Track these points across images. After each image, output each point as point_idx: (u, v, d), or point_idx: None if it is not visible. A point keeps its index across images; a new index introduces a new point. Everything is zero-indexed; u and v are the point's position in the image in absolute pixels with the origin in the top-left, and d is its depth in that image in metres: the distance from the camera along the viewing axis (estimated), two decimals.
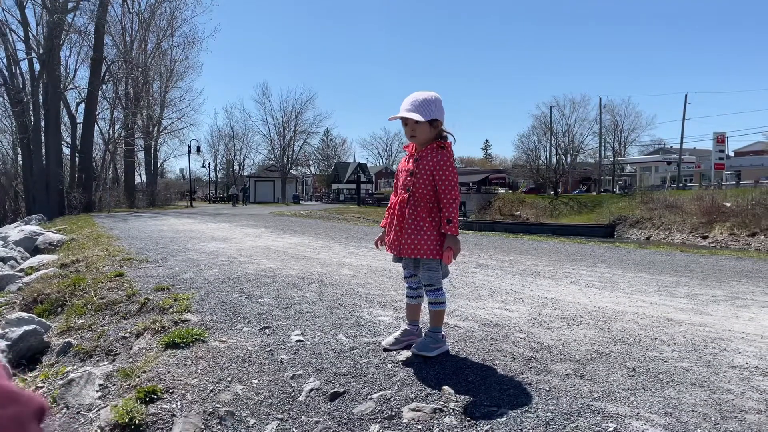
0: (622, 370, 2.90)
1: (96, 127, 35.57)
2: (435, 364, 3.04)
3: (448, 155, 3.03)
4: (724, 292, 5.12)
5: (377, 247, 3.39)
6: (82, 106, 33.80)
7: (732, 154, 59.96)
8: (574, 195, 52.65)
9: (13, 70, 31.69)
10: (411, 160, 3.10)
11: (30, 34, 30.53)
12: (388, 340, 3.34)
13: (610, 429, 2.24)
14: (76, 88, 34.43)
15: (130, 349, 3.99)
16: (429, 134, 3.02)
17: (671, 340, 3.45)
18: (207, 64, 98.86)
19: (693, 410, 2.39)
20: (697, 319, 4.06)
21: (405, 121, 3.04)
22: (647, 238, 33.06)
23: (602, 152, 58.11)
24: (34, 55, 30.39)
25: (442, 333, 3.21)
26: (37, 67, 30.66)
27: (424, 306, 3.31)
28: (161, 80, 44.04)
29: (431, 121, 2.99)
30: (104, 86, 34.99)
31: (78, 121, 33.76)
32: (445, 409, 2.56)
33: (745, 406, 2.43)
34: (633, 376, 2.81)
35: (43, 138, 30.50)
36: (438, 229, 2.99)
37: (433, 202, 3.02)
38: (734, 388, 2.65)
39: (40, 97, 30.59)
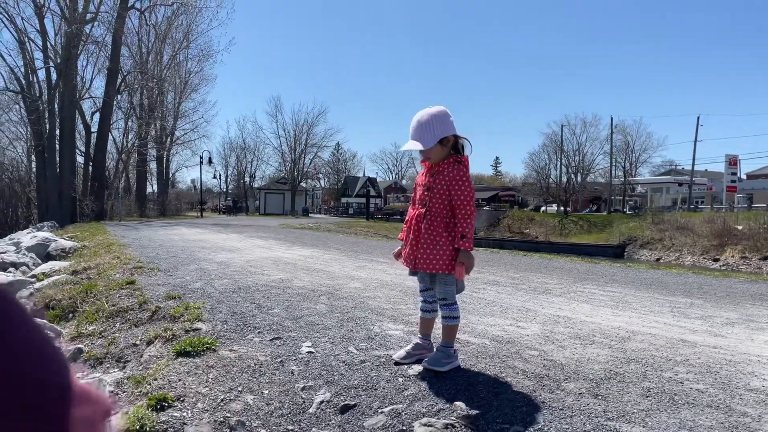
0: (636, 390, 2.87)
1: (110, 137, 36.00)
2: (447, 379, 3.02)
3: (464, 170, 3.03)
4: (738, 315, 5.07)
5: (396, 260, 3.37)
6: (97, 115, 34.22)
7: (744, 176, 59.61)
8: (584, 214, 52.42)
9: (31, 79, 32.21)
10: (428, 175, 3.11)
11: (48, 44, 31.04)
12: (399, 354, 3.33)
13: None
14: (92, 97, 34.92)
15: (141, 356, 4.00)
16: (441, 153, 3.02)
17: (686, 362, 3.41)
18: (221, 77, 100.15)
19: None
20: (712, 341, 4.01)
21: None
22: (657, 260, 32.79)
23: (613, 172, 57.91)
24: (51, 64, 30.87)
25: (454, 348, 3.19)
26: (54, 76, 31.17)
27: (438, 321, 3.30)
28: (175, 91, 44.55)
29: (441, 140, 2.99)
30: (119, 96, 35.42)
31: (92, 130, 34.20)
32: (456, 425, 2.53)
33: (763, 429, 2.40)
34: (648, 396, 2.78)
35: (57, 146, 30.85)
36: (453, 243, 2.99)
37: (449, 217, 3.03)
38: (751, 411, 2.61)
39: (56, 106, 31.02)
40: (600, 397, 2.77)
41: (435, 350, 3.21)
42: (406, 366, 3.28)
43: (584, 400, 2.73)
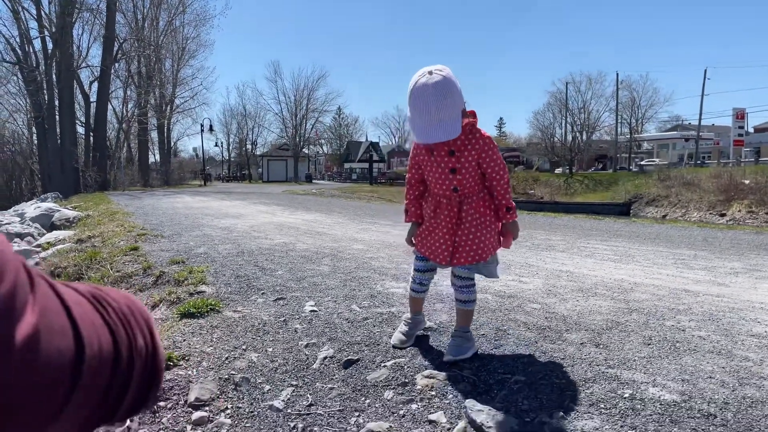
0: (638, 338, 2.88)
1: (109, 106, 35.73)
2: (449, 333, 3.03)
3: (486, 135, 2.60)
4: (742, 265, 5.05)
5: (410, 245, 2.93)
6: (95, 84, 33.86)
7: (752, 130, 58.89)
8: (589, 173, 52.13)
9: (27, 49, 31.79)
10: (443, 155, 2.61)
11: (42, 12, 30.51)
12: (399, 338, 2.97)
13: (626, 395, 2.22)
14: (89, 66, 34.46)
15: None
16: (461, 125, 2.47)
17: (688, 310, 3.41)
18: (218, 42, 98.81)
19: (710, 377, 2.36)
20: (715, 290, 4.01)
21: None
22: (664, 216, 32.70)
23: (619, 129, 57.34)
24: (46, 33, 30.42)
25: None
26: (50, 45, 30.72)
27: (425, 299, 3.10)
28: (173, 58, 43.96)
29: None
30: (117, 65, 34.99)
31: (91, 99, 33.89)
32: (458, 376, 2.55)
33: (764, 373, 2.40)
34: (649, 344, 2.78)
35: (57, 117, 30.67)
36: (497, 220, 2.69)
37: (483, 191, 2.67)
38: (753, 355, 2.61)
39: (54, 76, 30.70)
40: (601, 346, 2.78)
41: (452, 337, 2.83)
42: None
43: (585, 349, 2.74)
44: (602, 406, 2.17)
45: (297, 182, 53.38)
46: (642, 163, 51.85)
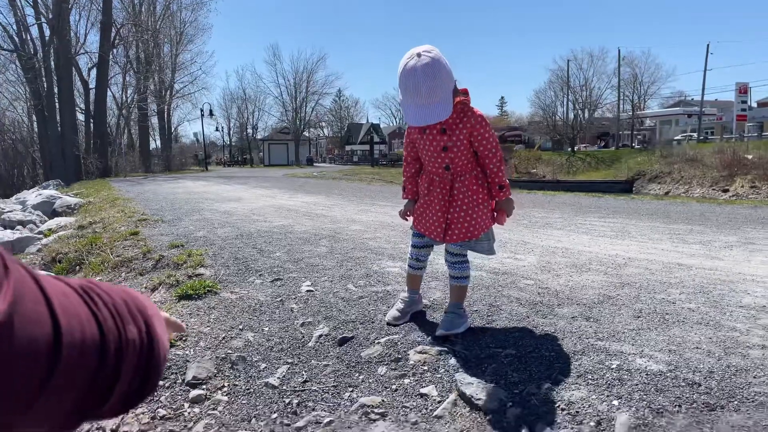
0: (628, 312, 2.91)
1: (109, 93, 35.65)
2: (441, 310, 3.07)
3: (478, 112, 2.61)
4: (737, 238, 5.07)
5: (403, 218, 3.01)
6: (94, 71, 33.78)
7: (755, 105, 58.41)
8: (591, 151, 51.91)
9: (24, 37, 31.66)
10: (435, 133, 2.63)
11: None
12: (393, 315, 3.00)
13: (614, 366, 2.26)
14: (87, 53, 34.34)
15: None
16: (452, 105, 2.48)
17: (680, 284, 3.44)
18: (216, 26, 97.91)
19: (697, 347, 2.40)
20: (709, 263, 4.03)
21: None
22: (666, 193, 32.61)
23: (621, 106, 56.95)
24: (43, 20, 30.28)
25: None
26: (47, 32, 30.60)
27: (421, 275, 3.12)
28: (171, 43, 43.75)
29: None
30: (115, 51, 34.86)
31: (90, 86, 33.81)
32: (451, 351, 2.59)
33: (750, 342, 2.44)
34: (639, 317, 2.82)
35: (56, 104, 30.62)
36: (490, 197, 2.70)
37: (477, 169, 2.68)
38: (740, 326, 2.65)
39: (52, 63, 30.61)
40: (592, 319, 2.82)
41: (445, 313, 2.85)
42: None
43: (576, 323, 2.78)
44: (590, 377, 2.21)
45: (298, 165, 53.33)
46: (677, 138, 50.65)
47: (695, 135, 50.21)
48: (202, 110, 43.27)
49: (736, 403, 1.96)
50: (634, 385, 2.10)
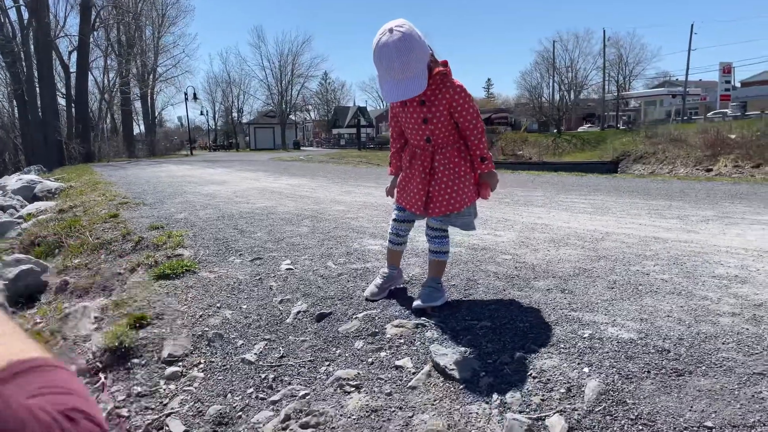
0: (602, 283, 2.94)
1: (90, 77, 35.10)
2: (419, 286, 3.08)
3: (457, 83, 2.56)
4: (714, 213, 5.13)
5: (390, 196, 2.97)
6: (74, 55, 33.21)
7: (738, 84, 58.76)
8: (577, 132, 52.07)
9: (2, 20, 30.96)
10: (415, 105, 2.61)
11: None
12: (371, 290, 2.98)
13: (585, 335, 2.28)
14: (67, 36, 33.75)
15: (125, 283, 4.06)
16: (427, 78, 2.48)
17: (655, 256, 3.48)
18: (199, 8, 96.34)
19: (668, 316, 2.43)
20: (685, 236, 4.08)
21: None
22: (651, 173, 32.88)
23: (606, 87, 57.06)
24: (21, 2, 29.62)
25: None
26: (25, 15, 29.97)
27: (403, 253, 3.12)
28: (153, 26, 43.05)
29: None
30: (95, 33, 34.27)
31: (71, 70, 33.26)
32: (427, 324, 2.61)
33: (721, 310, 2.47)
34: (613, 288, 2.85)
35: (37, 89, 30.09)
36: (473, 170, 2.66)
37: (459, 141, 2.64)
38: (711, 294, 2.68)
39: (31, 47, 30.02)
40: (567, 291, 2.84)
41: (423, 287, 2.85)
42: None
43: (551, 295, 2.80)
44: (562, 346, 2.23)
45: (285, 149, 53.00)
46: (710, 114, 49.97)
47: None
48: (186, 94, 42.81)
49: (704, 368, 1.99)
50: (605, 353, 2.13)
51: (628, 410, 1.78)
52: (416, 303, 2.76)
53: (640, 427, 1.70)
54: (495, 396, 1.98)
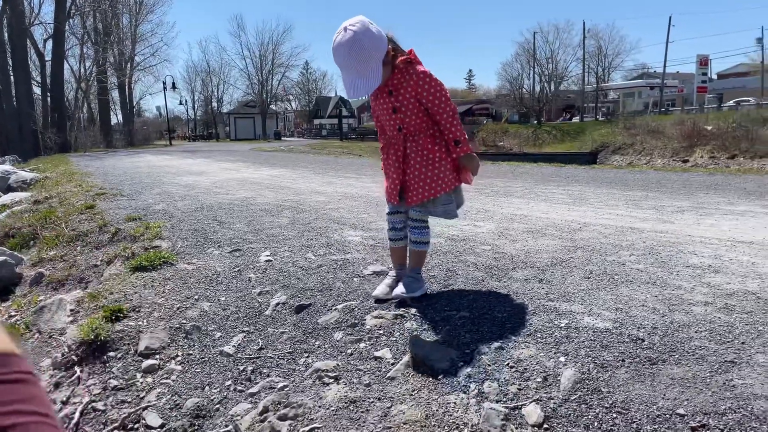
0: (579, 273, 2.97)
1: (66, 65, 34.43)
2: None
3: (421, 69, 2.56)
4: (690, 203, 5.21)
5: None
6: (50, 43, 32.53)
7: (715, 76, 59.60)
8: (557, 123, 52.42)
9: None
10: (385, 96, 2.62)
11: None
12: (381, 290, 2.83)
13: (562, 325, 2.31)
14: (42, 23, 32.98)
15: (101, 276, 4.00)
16: (388, 70, 2.51)
17: (631, 246, 3.52)
18: None
19: (643, 305, 2.47)
20: (660, 227, 4.13)
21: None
22: (629, 164, 33.23)
23: (586, 78, 57.48)
24: None
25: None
26: None
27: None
28: (130, 14, 42.28)
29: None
30: (71, 21, 33.56)
31: (47, 59, 32.54)
32: (406, 315, 2.61)
33: (694, 299, 2.51)
34: (589, 278, 2.88)
35: (12, 78, 29.44)
36: (449, 155, 2.61)
37: (433, 128, 2.62)
38: (685, 284, 2.73)
39: (5, 35, 29.31)
40: (544, 281, 2.87)
41: (404, 276, 2.81)
42: (362, 267, 3.34)
43: (529, 285, 2.82)
44: (539, 335, 2.25)
45: (266, 140, 52.55)
46: (733, 102, 49.77)
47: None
48: (164, 83, 42.22)
49: (677, 356, 2.02)
50: (581, 342, 2.16)
51: (602, 398, 1.81)
52: (394, 293, 2.75)
53: (615, 415, 1.73)
54: (473, 386, 1.99)
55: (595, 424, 1.72)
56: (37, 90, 32.96)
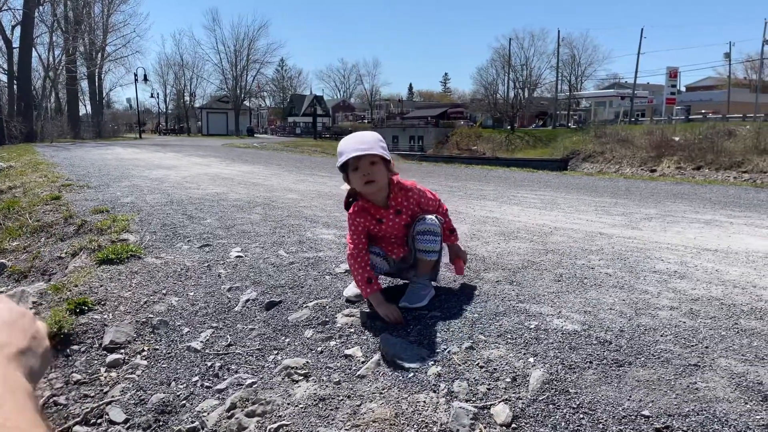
0: (549, 276, 3.01)
1: (34, 53, 33.52)
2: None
3: (411, 184, 2.70)
4: (657, 211, 5.32)
5: (400, 322, 2.54)
6: (18, 29, 31.61)
7: (683, 89, 61.12)
8: (530, 129, 53.10)
9: None
10: (392, 217, 2.66)
11: None
12: (352, 291, 2.86)
13: (532, 326, 2.33)
14: (10, 9, 32.05)
15: (66, 268, 3.91)
16: (386, 177, 2.56)
17: (600, 251, 3.58)
18: None
19: (611, 308, 2.51)
20: (628, 233, 4.21)
21: (356, 165, 2.48)
22: (599, 171, 33.81)
23: (559, 86, 58.37)
24: None
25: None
26: None
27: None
28: (103, 3, 41.42)
29: (387, 161, 2.55)
30: (41, 8, 32.72)
31: (14, 45, 31.65)
32: (377, 314, 2.60)
33: (660, 304, 2.57)
34: (559, 281, 2.92)
35: None
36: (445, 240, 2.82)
37: None
38: (652, 288, 2.78)
39: None
40: (515, 283, 2.89)
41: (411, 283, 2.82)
42: (333, 265, 3.33)
43: (500, 287, 2.85)
44: (509, 336, 2.27)
45: (238, 136, 52.01)
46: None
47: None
48: (136, 75, 41.47)
49: (643, 359, 2.06)
50: (550, 344, 2.18)
51: (570, 399, 1.83)
52: (402, 302, 2.65)
53: (581, 416, 1.75)
54: (443, 385, 1.99)
55: (563, 424, 1.73)
56: (3, 77, 32.17)
